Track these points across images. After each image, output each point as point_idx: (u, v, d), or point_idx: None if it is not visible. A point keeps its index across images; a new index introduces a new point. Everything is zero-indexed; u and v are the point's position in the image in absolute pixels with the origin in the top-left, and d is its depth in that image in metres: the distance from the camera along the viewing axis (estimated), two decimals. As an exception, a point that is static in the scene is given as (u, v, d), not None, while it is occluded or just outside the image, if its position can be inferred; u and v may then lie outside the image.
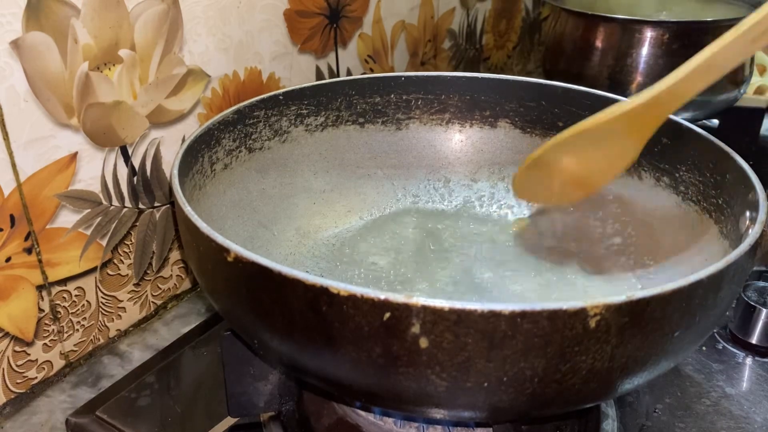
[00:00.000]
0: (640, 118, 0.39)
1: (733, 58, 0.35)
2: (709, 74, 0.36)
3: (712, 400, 0.47)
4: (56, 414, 0.48)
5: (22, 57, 0.42)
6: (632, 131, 0.40)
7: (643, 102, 0.38)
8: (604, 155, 0.42)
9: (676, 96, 0.37)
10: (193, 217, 0.36)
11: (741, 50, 0.34)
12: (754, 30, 0.33)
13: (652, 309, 0.30)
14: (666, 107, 0.38)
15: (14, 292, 0.46)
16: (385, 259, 0.52)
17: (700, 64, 0.35)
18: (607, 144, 0.41)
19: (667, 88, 0.37)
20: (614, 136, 0.41)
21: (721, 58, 0.35)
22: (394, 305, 0.29)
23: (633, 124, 0.39)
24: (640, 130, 0.40)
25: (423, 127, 0.59)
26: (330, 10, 0.65)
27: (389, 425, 0.42)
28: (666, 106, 0.38)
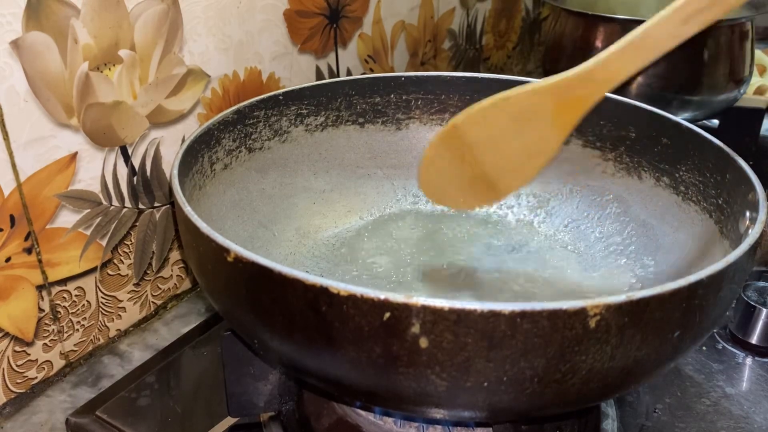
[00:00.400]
0: (566, 97, 0.36)
1: (666, 40, 0.33)
2: (641, 54, 0.34)
3: (712, 400, 0.47)
4: (56, 414, 0.48)
5: (22, 57, 0.42)
6: (556, 113, 0.36)
7: (572, 76, 0.35)
8: (521, 144, 0.38)
9: (607, 75, 0.35)
10: (193, 217, 0.36)
11: (673, 30, 0.33)
12: (685, 9, 0.32)
13: (652, 309, 0.30)
14: (596, 87, 0.35)
15: (14, 292, 0.46)
16: (385, 259, 0.52)
17: (631, 41, 0.34)
18: (526, 128, 0.38)
19: (598, 64, 0.35)
20: (536, 118, 0.37)
21: (652, 38, 0.33)
22: (394, 305, 0.29)
23: (558, 102, 0.36)
24: (565, 113, 0.36)
25: (423, 127, 0.59)
26: (330, 10, 0.65)
27: (389, 425, 0.42)
28: (596, 85, 0.35)
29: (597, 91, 0.35)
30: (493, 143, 0.39)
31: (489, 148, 0.39)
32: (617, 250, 0.51)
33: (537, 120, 0.37)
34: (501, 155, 0.39)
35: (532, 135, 0.38)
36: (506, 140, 0.39)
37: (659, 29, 0.33)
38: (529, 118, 0.37)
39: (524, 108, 0.37)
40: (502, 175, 0.40)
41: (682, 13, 0.32)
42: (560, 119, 0.37)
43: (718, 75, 0.72)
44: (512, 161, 0.40)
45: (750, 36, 0.74)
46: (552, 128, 0.37)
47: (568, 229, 0.55)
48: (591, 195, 0.54)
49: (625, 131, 0.52)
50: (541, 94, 0.36)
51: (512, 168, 0.40)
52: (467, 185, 0.41)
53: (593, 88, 0.35)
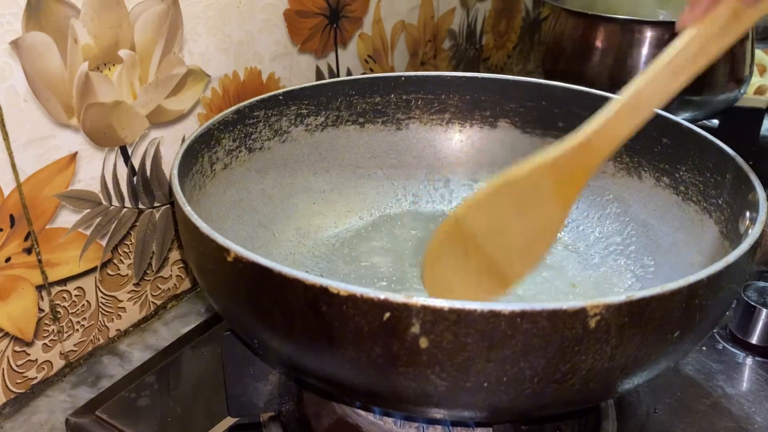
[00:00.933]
0: (567, 169, 0.35)
1: (658, 95, 0.33)
2: (635, 115, 0.34)
3: (712, 400, 0.47)
4: (56, 414, 0.48)
5: (22, 57, 0.42)
6: (557, 187, 0.36)
7: (570, 149, 0.34)
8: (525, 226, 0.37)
9: (604, 141, 0.34)
10: (193, 217, 0.36)
11: (664, 86, 0.33)
12: (674, 63, 0.32)
13: (652, 309, 0.30)
14: (596, 153, 0.35)
15: (14, 292, 0.46)
16: (385, 259, 0.52)
17: (624, 104, 0.34)
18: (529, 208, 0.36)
19: (595, 131, 0.34)
20: (537, 197, 0.36)
21: (645, 96, 0.33)
22: (394, 305, 0.29)
23: (558, 177, 0.35)
24: (566, 186, 0.36)
25: (423, 127, 0.59)
26: (330, 10, 0.65)
27: (389, 425, 0.42)
28: (596, 151, 0.35)
29: (596, 158, 0.35)
30: (496, 231, 0.38)
31: (493, 236, 0.38)
32: (617, 250, 0.51)
33: (538, 198, 0.36)
34: (506, 242, 0.38)
35: (536, 215, 0.37)
36: (509, 225, 0.37)
37: (651, 87, 0.33)
38: (531, 198, 0.36)
39: (524, 189, 0.36)
40: (509, 263, 0.38)
41: (670, 68, 0.33)
42: (562, 193, 0.36)
43: (718, 75, 0.72)
44: (518, 246, 0.38)
45: (750, 36, 0.74)
46: (555, 204, 0.36)
47: (568, 229, 0.55)
48: (591, 195, 0.54)
49: (625, 131, 0.52)
50: (539, 173, 0.35)
51: (519, 253, 0.38)
52: (474, 279, 0.39)
53: (592, 156, 0.35)
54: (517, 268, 0.39)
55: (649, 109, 0.34)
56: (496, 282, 0.39)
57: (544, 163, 0.35)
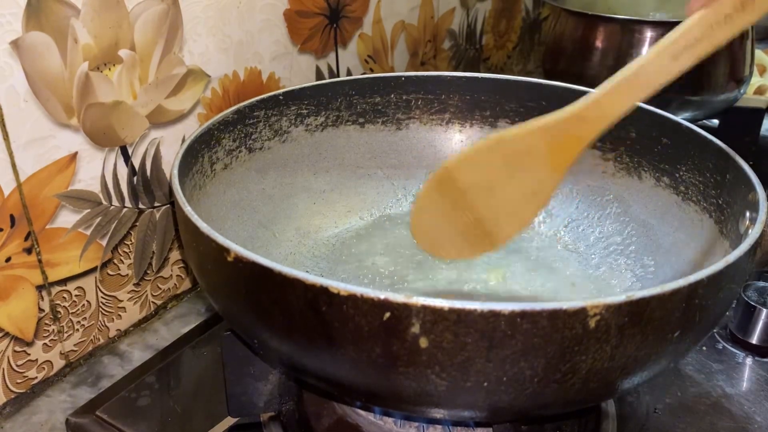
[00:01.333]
0: (560, 137, 0.35)
1: (657, 76, 0.34)
2: (633, 92, 0.34)
3: (712, 400, 0.47)
4: (56, 414, 0.48)
5: (22, 57, 0.42)
6: (551, 154, 0.36)
7: (564, 116, 0.35)
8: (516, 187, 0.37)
9: (599, 113, 0.35)
10: (193, 217, 0.36)
11: (664, 67, 0.33)
12: (675, 46, 0.33)
13: (652, 309, 0.30)
14: (589, 126, 0.35)
15: (14, 292, 0.46)
16: (385, 259, 0.52)
17: (623, 79, 0.34)
18: (521, 170, 0.37)
19: (591, 103, 0.34)
20: (530, 159, 0.36)
21: (644, 75, 0.33)
22: (394, 305, 0.29)
23: (552, 143, 0.36)
24: (559, 154, 0.36)
25: (423, 127, 0.59)
26: (330, 10, 0.65)
27: (389, 425, 0.42)
28: (589, 124, 0.35)
29: (591, 130, 0.35)
30: (486, 187, 0.38)
31: (483, 192, 0.38)
32: (617, 250, 0.51)
33: (531, 161, 0.36)
34: (496, 200, 0.38)
35: (527, 177, 0.37)
36: (500, 184, 0.37)
37: (650, 66, 0.33)
38: (523, 160, 0.36)
39: (517, 150, 0.36)
40: (497, 221, 0.39)
41: (672, 50, 0.33)
42: (555, 160, 0.36)
43: (718, 75, 0.72)
44: (508, 206, 0.38)
45: (750, 36, 0.74)
46: (547, 169, 0.36)
47: (568, 229, 0.55)
48: (591, 195, 0.54)
49: (625, 131, 0.52)
50: (533, 135, 0.36)
51: (508, 213, 0.38)
52: (461, 234, 0.39)
53: (587, 127, 0.35)
54: (504, 229, 0.39)
55: (647, 89, 0.34)
56: (483, 240, 0.39)
57: (538, 127, 0.35)
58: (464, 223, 0.39)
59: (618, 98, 0.34)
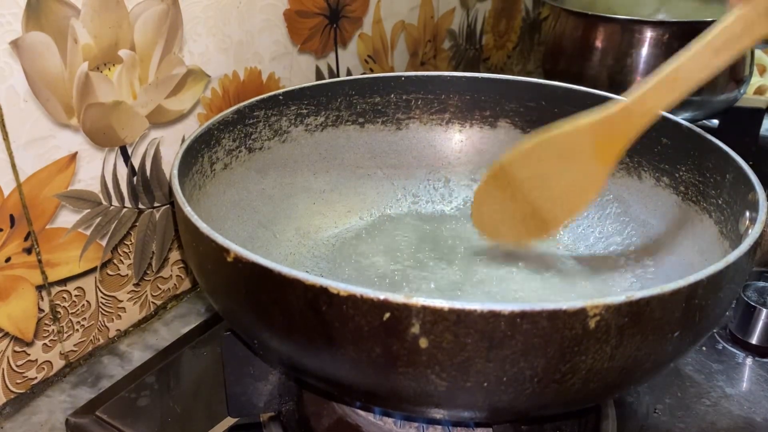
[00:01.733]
0: (607, 132, 0.37)
1: (699, 71, 0.35)
2: (676, 87, 0.35)
3: (712, 400, 0.47)
4: (56, 414, 0.48)
5: (22, 57, 0.42)
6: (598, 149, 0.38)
7: (611, 113, 0.36)
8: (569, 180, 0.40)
9: (644, 109, 0.36)
10: (193, 217, 0.36)
11: (706, 62, 0.34)
12: (716, 41, 0.33)
13: (652, 309, 0.30)
14: (634, 121, 0.36)
15: (14, 292, 0.46)
16: (385, 259, 0.52)
17: (667, 74, 0.35)
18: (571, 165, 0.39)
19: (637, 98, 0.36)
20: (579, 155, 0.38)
21: (686, 70, 0.35)
22: (394, 305, 0.29)
23: (599, 139, 0.37)
24: (607, 149, 0.38)
25: (423, 127, 0.59)
26: (330, 10, 0.65)
27: (389, 425, 0.42)
28: (634, 119, 0.36)
29: (636, 125, 0.36)
30: (540, 181, 0.40)
31: (537, 185, 0.40)
32: (617, 250, 0.51)
33: (580, 157, 0.38)
34: (549, 192, 0.40)
35: (578, 171, 0.39)
36: (553, 178, 0.40)
37: (692, 63, 0.34)
38: (573, 156, 0.38)
39: (567, 147, 0.38)
40: (552, 211, 0.41)
41: (713, 46, 0.33)
42: (603, 154, 0.38)
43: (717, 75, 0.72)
44: (561, 197, 0.40)
45: (750, 36, 0.74)
46: (594, 164, 0.38)
47: (568, 229, 0.55)
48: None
49: (625, 131, 0.52)
50: (582, 133, 0.37)
51: (562, 202, 0.41)
52: (520, 222, 0.42)
53: (632, 122, 0.36)
54: (560, 217, 0.41)
55: (689, 84, 0.35)
56: (540, 227, 0.42)
57: (585, 126, 0.37)
58: (522, 213, 0.41)
59: (661, 94, 0.35)
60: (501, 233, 0.44)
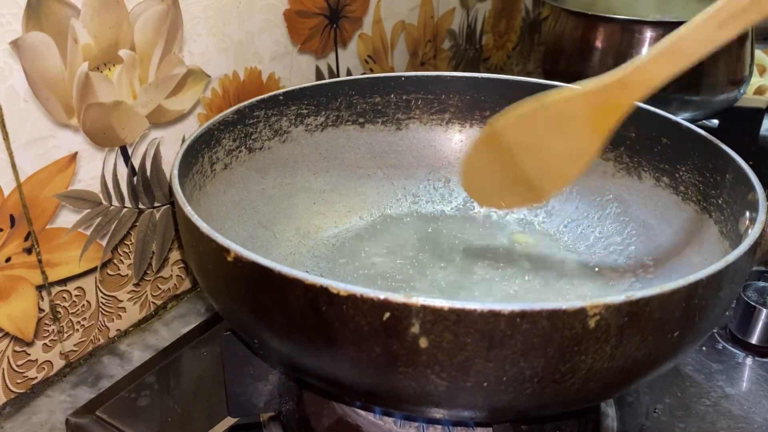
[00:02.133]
0: (601, 102, 0.36)
1: (702, 45, 0.33)
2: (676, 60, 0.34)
3: (712, 400, 0.47)
4: (56, 414, 0.48)
5: (22, 57, 0.42)
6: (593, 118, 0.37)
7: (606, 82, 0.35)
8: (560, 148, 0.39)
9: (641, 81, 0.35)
10: (193, 217, 0.36)
11: (708, 36, 0.33)
12: (721, 14, 0.32)
13: (652, 309, 0.30)
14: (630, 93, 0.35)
15: (14, 292, 0.46)
16: (385, 259, 0.52)
17: (665, 47, 0.34)
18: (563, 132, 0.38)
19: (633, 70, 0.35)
20: (572, 123, 0.37)
21: (687, 43, 0.33)
22: (394, 305, 0.29)
23: (593, 108, 0.36)
24: (601, 118, 0.37)
25: (423, 127, 0.59)
26: (330, 10, 0.65)
27: (389, 425, 0.42)
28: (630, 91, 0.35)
29: (631, 97, 0.36)
30: (531, 146, 0.39)
31: (528, 151, 0.40)
32: (617, 250, 0.51)
33: (574, 125, 0.37)
34: (540, 158, 0.40)
35: (570, 139, 0.38)
36: (545, 144, 0.39)
37: (694, 35, 0.33)
38: (566, 123, 0.38)
39: (560, 113, 0.38)
40: (542, 178, 0.40)
41: (717, 18, 0.32)
42: (597, 124, 0.37)
43: (717, 75, 0.72)
44: (552, 164, 0.40)
45: (750, 36, 0.74)
46: (589, 133, 0.37)
47: (568, 229, 0.55)
48: (591, 195, 0.54)
49: (625, 131, 0.52)
50: (576, 100, 0.37)
51: (552, 171, 0.40)
52: (508, 187, 0.42)
53: (628, 94, 0.35)
54: (549, 184, 0.41)
55: (691, 57, 0.34)
56: (529, 193, 0.41)
57: (581, 93, 0.36)
58: (511, 178, 0.41)
59: (659, 67, 0.34)
60: (489, 197, 0.44)
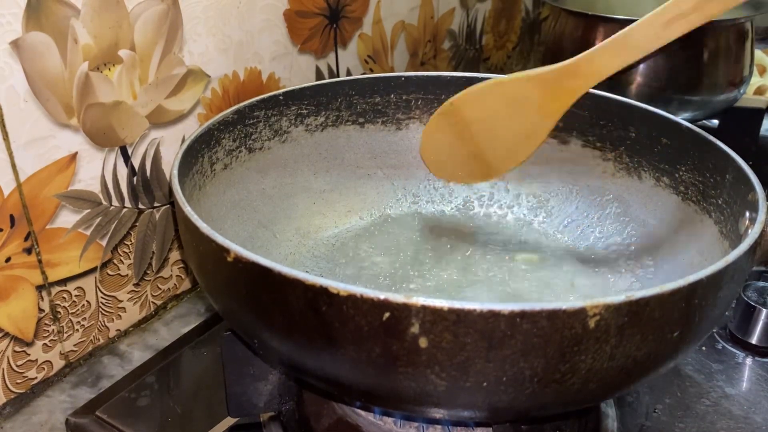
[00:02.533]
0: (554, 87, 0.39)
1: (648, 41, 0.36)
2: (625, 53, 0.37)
3: (712, 400, 0.47)
4: (56, 414, 0.48)
5: (22, 57, 0.42)
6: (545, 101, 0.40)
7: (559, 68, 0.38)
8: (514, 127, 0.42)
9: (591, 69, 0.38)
10: (193, 217, 0.36)
11: (655, 33, 0.36)
12: (667, 14, 0.35)
13: (652, 309, 0.30)
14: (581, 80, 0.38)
15: (14, 293, 0.46)
16: (385, 259, 0.52)
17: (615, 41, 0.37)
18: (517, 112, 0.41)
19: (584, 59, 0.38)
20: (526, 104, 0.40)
21: (636, 37, 0.36)
22: (394, 305, 0.29)
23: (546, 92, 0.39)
24: (553, 102, 0.40)
25: (423, 127, 0.59)
26: (330, 10, 0.65)
27: (389, 425, 0.42)
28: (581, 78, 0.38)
29: (583, 84, 0.38)
30: (487, 123, 0.42)
31: (484, 127, 0.43)
32: (617, 250, 0.51)
33: (527, 106, 0.40)
34: (495, 135, 0.43)
35: (523, 120, 0.41)
36: (499, 122, 0.42)
37: (642, 31, 0.36)
38: (520, 104, 0.40)
39: (515, 94, 0.40)
40: (496, 154, 0.44)
41: (663, 18, 0.35)
42: (549, 107, 0.40)
43: (718, 75, 0.72)
44: (506, 142, 0.43)
45: (750, 36, 0.74)
46: (541, 115, 0.41)
47: (568, 229, 0.55)
48: (591, 195, 0.54)
49: (625, 131, 0.52)
50: (530, 83, 0.39)
51: (506, 148, 0.43)
52: (465, 161, 0.45)
53: (579, 81, 0.38)
54: (503, 162, 0.45)
55: (638, 51, 0.37)
56: (483, 170, 0.45)
57: (533, 76, 0.39)
58: (467, 153, 0.44)
59: (609, 57, 0.37)
60: (446, 171, 0.47)
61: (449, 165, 0.46)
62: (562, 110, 0.40)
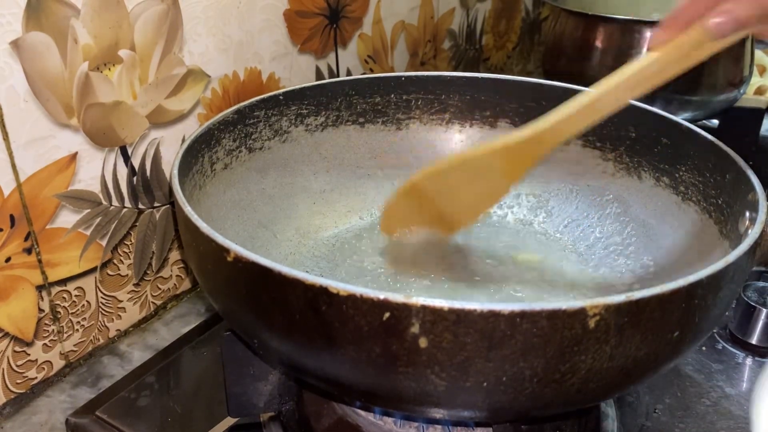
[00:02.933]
0: (519, 154, 0.40)
1: (614, 103, 0.37)
2: (590, 116, 0.38)
3: (712, 400, 0.47)
4: (56, 414, 0.48)
5: (22, 57, 0.42)
6: (508, 167, 0.41)
7: (523, 138, 0.39)
8: (475, 192, 0.44)
9: (556, 135, 0.39)
10: (193, 217, 0.36)
11: (621, 96, 0.37)
12: (633, 79, 0.36)
13: (652, 309, 0.30)
14: (545, 145, 0.39)
15: (14, 293, 0.46)
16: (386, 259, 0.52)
17: (583, 105, 0.37)
18: (480, 180, 0.43)
19: (550, 127, 0.38)
20: (488, 173, 0.42)
21: (602, 102, 0.37)
22: (394, 305, 0.29)
23: (511, 159, 0.41)
24: (516, 167, 0.41)
25: (423, 127, 0.59)
26: (330, 10, 0.65)
27: (389, 425, 0.42)
28: (545, 144, 0.39)
29: (546, 149, 0.40)
30: (449, 194, 0.44)
31: (445, 198, 0.44)
32: (617, 250, 0.51)
33: (489, 174, 0.42)
34: (457, 202, 0.45)
35: (485, 185, 0.43)
36: (461, 191, 0.44)
37: (609, 96, 0.37)
38: (483, 174, 0.42)
39: (479, 166, 0.42)
40: (455, 217, 0.46)
41: (629, 83, 0.36)
42: (510, 172, 0.42)
43: (717, 75, 0.72)
44: (465, 206, 0.45)
45: (750, 36, 0.74)
46: (503, 179, 0.42)
47: (568, 229, 0.55)
48: (591, 195, 0.54)
49: (625, 131, 0.52)
50: (494, 155, 0.41)
51: (465, 210, 0.46)
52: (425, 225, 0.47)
53: (542, 146, 0.40)
54: (461, 221, 0.47)
55: (603, 113, 0.38)
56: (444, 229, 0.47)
57: (499, 148, 0.41)
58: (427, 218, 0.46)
59: (572, 124, 0.39)
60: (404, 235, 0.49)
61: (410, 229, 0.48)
62: (523, 173, 0.41)
